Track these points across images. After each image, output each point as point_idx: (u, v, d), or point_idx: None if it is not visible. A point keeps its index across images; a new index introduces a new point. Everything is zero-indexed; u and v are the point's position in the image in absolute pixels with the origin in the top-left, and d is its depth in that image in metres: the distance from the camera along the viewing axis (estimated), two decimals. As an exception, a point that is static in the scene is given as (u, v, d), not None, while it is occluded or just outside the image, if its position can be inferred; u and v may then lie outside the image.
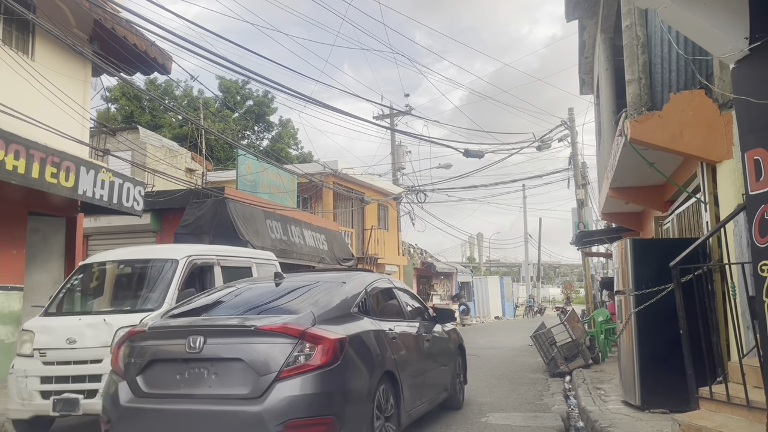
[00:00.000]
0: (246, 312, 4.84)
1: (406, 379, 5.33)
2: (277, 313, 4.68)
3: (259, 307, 4.93)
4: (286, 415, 4.09)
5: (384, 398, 4.85)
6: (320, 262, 16.59)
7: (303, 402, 4.14)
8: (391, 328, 5.41)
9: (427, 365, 6.06)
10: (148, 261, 7.20)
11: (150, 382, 4.46)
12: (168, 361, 4.50)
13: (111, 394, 4.55)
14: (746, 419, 4.26)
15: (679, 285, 4.96)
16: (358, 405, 4.50)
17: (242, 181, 14.93)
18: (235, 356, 4.30)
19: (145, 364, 4.50)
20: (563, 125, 21.76)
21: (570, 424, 6.59)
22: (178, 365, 4.42)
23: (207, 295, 5.64)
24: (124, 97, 27.69)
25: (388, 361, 5.04)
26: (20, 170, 7.71)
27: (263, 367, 4.22)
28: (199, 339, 4.36)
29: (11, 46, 8.96)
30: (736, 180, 5.31)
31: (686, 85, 6.15)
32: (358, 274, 6.23)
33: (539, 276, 52.01)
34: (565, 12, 10.48)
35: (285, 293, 5.23)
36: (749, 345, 4.86)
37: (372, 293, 5.64)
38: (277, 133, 32.39)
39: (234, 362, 4.30)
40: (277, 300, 5.09)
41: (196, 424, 4.22)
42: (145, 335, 4.66)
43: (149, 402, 4.40)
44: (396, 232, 26.65)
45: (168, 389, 4.39)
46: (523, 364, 12.18)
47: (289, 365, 4.22)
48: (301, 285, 5.46)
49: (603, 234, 15.49)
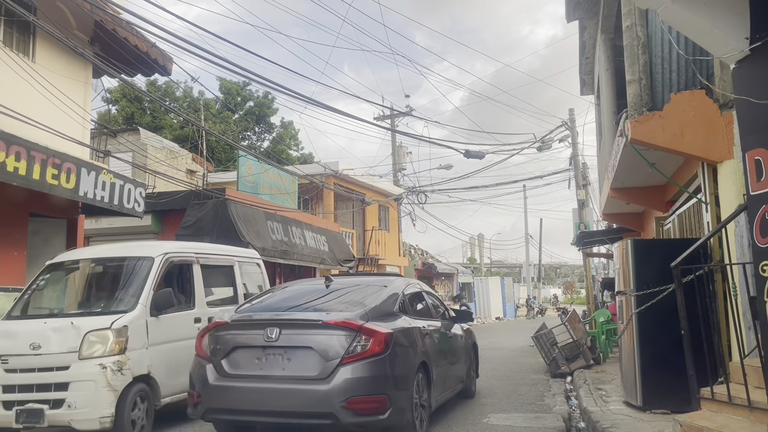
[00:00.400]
0: (310, 309, 5.76)
1: (435, 370, 6.13)
2: (337, 310, 5.55)
3: (320, 305, 5.82)
4: (348, 393, 4.97)
5: (420, 385, 5.65)
6: (321, 263, 16.59)
7: (361, 383, 5.01)
8: (423, 326, 6.24)
9: (449, 359, 6.90)
10: (122, 259, 6.80)
11: (233, 364, 5.36)
12: (248, 348, 5.40)
13: (199, 375, 5.44)
14: (748, 420, 4.26)
15: (681, 285, 4.95)
16: (403, 388, 5.31)
17: (243, 183, 14.93)
18: (306, 345, 5.23)
19: (229, 350, 5.41)
20: (564, 126, 21.76)
21: (571, 424, 6.58)
22: (257, 351, 5.33)
23: (271, 293, 6.64)
24: (125, 99, 27.71)
25: (422, 354, 5.86)
26: (21, 172, 7.71)
27: (329, 354, 5.11)
28: (275, 330, 5.29)
29: (12, 47, 8.97)
30: (737, 180, 5.30)
31: (687, 86, 6.15)
32: (395, 278, 7.21)
33: (540, 277, 51.97)
34: (566, 12, 10.48)
35: (339, 294, 6.12)
36: (750, 345, 4.86)
37: (407, 295, 6.46)
38: (278, 134, 32.40)
39: (305, 349, 5.22)
40: (334, 299, 5.96)
41: (274, 399, 5.11)
42: (228, 326, 5.58)
43: (233, 381, 5.29)
44: (397, 233, 26.65)
45: (248, 371, 5.29)
46: (524, 365, 12.17)
47: (350, 353, 5.09)
48: (349, 287, 6.37)
49: (604, 234, 15.49)
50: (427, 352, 6.02)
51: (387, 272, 20.90)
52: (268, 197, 15.49)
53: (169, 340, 6.42)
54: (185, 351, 6.43)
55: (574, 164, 22.17)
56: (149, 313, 6.18)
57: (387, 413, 5.08)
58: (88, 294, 6.88)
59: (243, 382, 5.27)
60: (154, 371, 6.14)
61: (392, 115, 27.52)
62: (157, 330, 6.25)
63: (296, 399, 5.06)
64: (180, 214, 12.75)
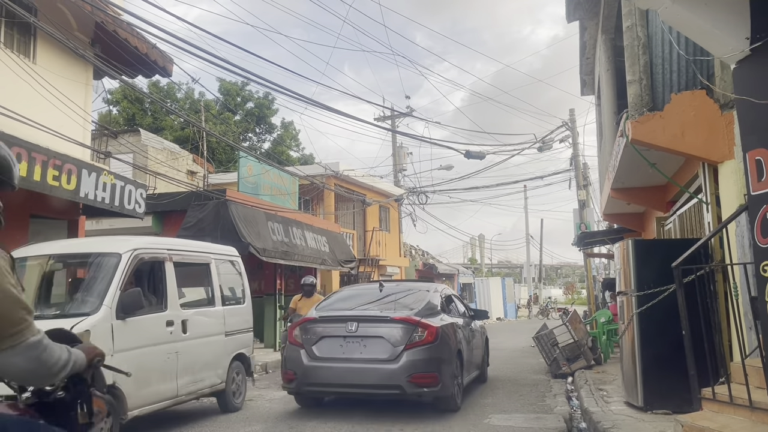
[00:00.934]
0: (378, 307, 7.49)
1: (465, 356, 7.73)
2: (398, 309, 7.24)
3: (384, 304, 7.55)
4: (411, 371, 6.58)
5: (456, 367, 7.22)
6: (322, 263, 16.58)
7: (420, 363, 6.62)
8: (456, 322, 7.83)
9: (472, 349, 8.47)
10: (85, 256, 6.20)
11: (321, 350, 6.94)
12: (333, 337, 6.99)
13: (294, 358, 7.03)
14: (749, 420, 4.25)
15: (681, 286, 4.95)
16: (448, 368, 6.90)
17: (244, 183, 14.93)
18: (379, 335, 6.84)
19: (317, 339, 7.00)
20: (564, 126, 21.77)
21: (572, 425, 6.58)
22: (340, 340, 6.93)
23: (336, 295, 8.49)
24: (126, 100, 27.73)
25: (457, 343, 7.46)
26: (22, 173, 7.72)
27: (395, 341, 6.72)
28: (354, 324, 6.94)
29: (13, 49, 8.98)
30: (737, 180, 5.30)
31: (687, 86, 6.15)
32: (433, 284, 9.02)
33: (541, 277, 51.93)
34: (566, 13, 10.48)
35: (394, 296, 7.81)
36: (752, 345, 4.85)
37: (444, 298, 8.12)
38: (279, 135, 32.40)
39: (377, 338, 6.81)
40: (393, 300, 7.66)
41: (355, 375, 6.74)
42: (316, 321, 7.21)
43: (322, 362, 6.86)
44: (397, 233, 26.64)
45: (334, 354, 6.87)
46: (525, 366, 12.17)
47: (411, 341, 6.71)
48: (401, 290, 8.09)
49: (605, 235, 15.48)
50: (460, 342, 7.64)
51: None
52: (268, 198, 15.48)
53: (137, 345, 5.85)
54: (156, 357, 6.03)
55: (574, 164, 22.17)
56: (115, 315, 5.57)
57: (438, 386, 6.69)
58: (47, 295, 6.25)
59: (330, 363, 6.83)
60: (121, 381, 5.38)
61: (393, 116, 27.50)
62: (124, 335, 5.64)
63: (372, 375, 6.69)
64: (181, 215, 12.75)
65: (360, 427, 6.40)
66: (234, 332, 7.60)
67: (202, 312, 7.10)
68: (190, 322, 6.63)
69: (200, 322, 6.90)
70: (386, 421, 6.62)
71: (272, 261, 13.62)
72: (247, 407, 7.68)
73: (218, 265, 7.63)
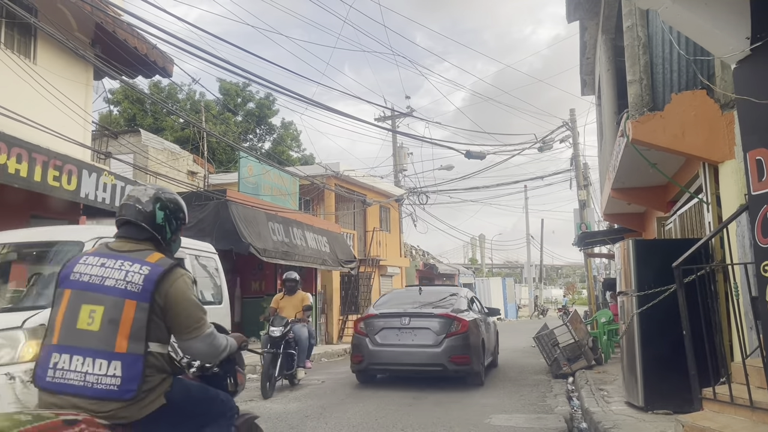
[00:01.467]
0: (422, 306, 9.60)
1: (485, 344, 9.77)
2: (437, 307, 9.49)
3: (427, 303, 9.74)
4: (451, 353, 8.74)
5: (480, 352, 9.29)
6: (322, 264, 16.58)
7: (458, 348, 8.80)
8: (479, 318, 9.87)
9: (489, 338, 10.43)
10: (44, 245, 5.64)
11: (382, 338, 9.07)
12: (390, 328, 9.11)
13: (361, 345, 9.19)
14: (750, 420, 4.25)
15: (682, 286, 4.94)
16: (476, 352, 9.07)
17: (244, 184, 14.93)
18: (426, 326, 8.98)
19: (378, 330, 9.14)
20: (565, 126, 21.77)
21: (573, 425, 6.58)
22: (395, 330, 9.07)
23: (387, 297, 10.80)
24: (127, 100, 27.73)
25: (481, 333, 9.53)
26: (22, 173, 7.72)
27: (439, 331, 8.88)
28: (407, 318, 9.13)
29: (13, 49, 8.99)
30: (738, 180, 5.30)
31: (688, 86, 6.14)
32: (460, 288, 11.52)
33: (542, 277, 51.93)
34: (566, 13, 10.48)
35: (432, 297, 10.09)
36: (752, 345, 4.85)
37: (469, 299, 10.43)
38: (279, 135, 32.40)
39: (425, 329, 8.96)
40: (432, 300, 9.92)
41: (408, 357, 8.88)
42: (376, 316, 9.36)
43: (383, 348, 9.00)
44: (398, 233, 26.63)
45: (391, 342, 9.01)
46: (526, 366, 12.16)
47: (450, 331, 8.87)
48: (436, 293, 10.52)
49: (605, 235, 15.47)
50: (482, 333, 9.69)
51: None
52: (269, 198, 15.49)
53: None
54: None
55: (575, 165, 22.17)
56: None
57: (470, 365, 8.87)
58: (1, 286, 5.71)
59: (389, 348, 8.98)
60: None
61: (393, 116, 27.50)
62: None
63: (422, 356, 8.84)
64: (181, 216, 12.75)
65: (360, 428, 6.40)
66: None
67: None
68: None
69: None
70: (387, 422, 6.62)
71: (272, 261, 13.62)
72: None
73: (193, 262, 7.11)
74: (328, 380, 10.26)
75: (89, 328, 2.41)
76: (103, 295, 2.44)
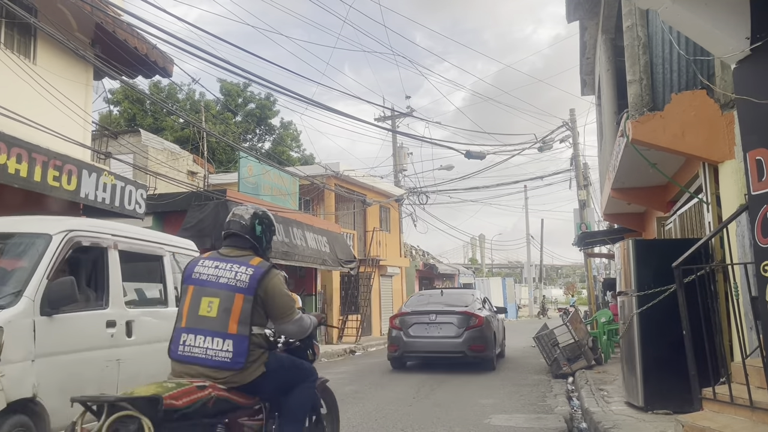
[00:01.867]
0: (444, 305, 11.57)
1: (497, 336, 11.84)
2: (457, 305, 11.42)
3: (448, 303, 11.67)
4: (470, 343, 10.67)
5: (493, 342, 11.26)
6: (322, 264, 16.58)
7: (475, 338, 10.73)
8: (490, 314, 11.84)
9: (499, 332, 12.46)
10: (6, 236, 4.99)
11: (413, 332, 11.04)
12: (420, 323, 11.06)
13: (397, 337, 11.20)
14: (750, 420, 4.25)
15: (682, 286, 4.94)
16: (491, 342, 11.04)
17: (244, 184, 14.93)
18: (449, 321, 10.92)
19: (410, 325, 11.09)
20: (565, 126, 21.76)
21: (573, 425, 6.58)
22: (425, 325, 11.01)
23: (415, 298, 13.18)
24: (127, 100, 27.73)
25: (492, 327, 11.44)
26: (22, 174, 7.72)
27: (459, 325, 10.82)
28: (434, 315, 11.09)
29: (13, 49, 8.98)
30: (738, 180, 5.29)
31: (688, 86, 6.14)
32: (476, 291, 14.21)
33: (542, 277, 51.91)
34: (566, 13, 10.48)
35: (452, 298, 12.15)
36: (752, 345, 4.85)
37: (481, 299, 12.55)
38: (279, 135, 32.38)
39: (449, 324, 10.86)
40: (453, 300, 11.96)
41: (435, 346, 10.87)
42: (408, 314, 11.41)
43: (414, 339, 11.00)
44: (398, 233, 26.62)
45: (421, 334, 10.98)
46: (526, 366, 12.16)
47: (469, 325, 10.76)
48: (455, 294, 13.03)
49: (605, 235, 15.46)
50: (494, 327, 11.62)
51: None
52: (269, 198, 15.48)
53: (68, 349, 4.71)
54: (92, 365, 4.92)
55: (575, 164, 22.16)
56: (39, 310, 4.45)
57: (485, 352, 10.89)
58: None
59: (420, 339, 11.03)
60: (43, 393, 4.35)
61: (393, 116, 27.49)
62: (49, 334, 4.51)
63: (446, 346, 10.88)
64: (181, 216, 12.74)
65: (360, 428, 6.40)
66: None
67: (152, 313, 5.86)
68: (137, 324, 5.50)
69: (149, 324, 5.68)
70: (387, 422, 6.62)
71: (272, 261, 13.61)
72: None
73: (175, 260, 6.46)
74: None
75: (208, 315, 3.22)
76: (219, 290, 3.25)
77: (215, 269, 3.32)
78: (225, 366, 3.11)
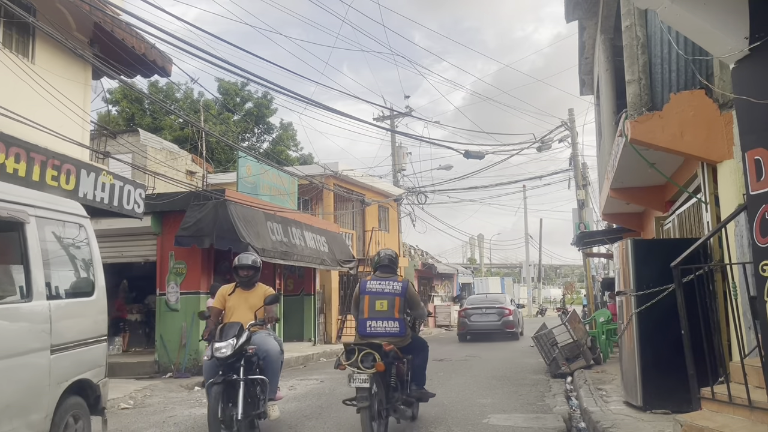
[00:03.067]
0: (488, 303, 20.91)
1: (520, 321, 22.04)
2: (496, 303, 20.89)
3: (490, 301, 21.19)
4: (505, 325, 20.11)
5: (519, 324, 21.42)
6: (321, 263, 16.56)
7: (508, 322, 20.17)
8: (515, 308, 21.42)
9: (520, 319, 22.61)
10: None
11: (472, 319, 20.24)
12: (476, 314, 20.29)
13: (463, 322, 20.36)
14: (748, 419, 4.25)
15: (681, 285, 4.95)
16: (516, 324, 20.70)
17: (243, 184, 14.91)
18: (493, 312, 20.33)
19: (470, 315, 20.25)
20: (563, 126, 21.76)
21: (572, 425, 6.58)
22: (479, 314, 20.26)
23: (470, 299, 22.56)
24: (125, 100, 27.70)
25: (517, 316, 21.30)
26: (21, 173, 7.71)
27: (499, 314, 20.30)
28: (484, 309, 20.47)
29: (11, 49, 8.97)
30: (736, 180, 5.30)
31: (686, 86, 6.15)
32: (506, 294, 25.84)
33: (540, 277, 51.93)
34: (565, 13, 10.48)
35: (493, 299, 21.70)
36: (751, 345, 4.86)
37: (511, 299, 22.79)
38: (278, 135, 32.37)
39: (492, 314, 20.25)
40: (493, 300, 21.45)
41: (485, 326, 20.09)
42: (469, 309, 20.44)
43: (474, 322, 20.23)
44: (397, 233, 26.63)
45: (477, 320, 20.20)
46: (525, 365, 12.17)
47: (504, 314, 20.26)
48: (496, 296, 23.05)
49: (604, 234, 15.47)
50: (517, 315, 21.28)
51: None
52: (267, 198, 15.46)
53: None
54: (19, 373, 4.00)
55: (573, 164, 22.16)
56: None
57: (514, 330, 20.08)
58: None
59: (476, 323, 19.99)
60: None
61: (392, 116, 27.47)
62: None
63: (491, 326, 19.87)
64: (180, 215, 12.72)
65: (360, 428, 6.38)
66: (70, 345, 4.73)
67: (1, 311, 4.21)
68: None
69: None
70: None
71: (271, 261, 13.59)
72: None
73: (43, 228, 4.69)
74: (327, 380, 10.25)
75: (381, 309, 5.89)
76: (385, 296, 5.95)
77: (379, 284, 6.02)
78: (395, 335, 5.82)
